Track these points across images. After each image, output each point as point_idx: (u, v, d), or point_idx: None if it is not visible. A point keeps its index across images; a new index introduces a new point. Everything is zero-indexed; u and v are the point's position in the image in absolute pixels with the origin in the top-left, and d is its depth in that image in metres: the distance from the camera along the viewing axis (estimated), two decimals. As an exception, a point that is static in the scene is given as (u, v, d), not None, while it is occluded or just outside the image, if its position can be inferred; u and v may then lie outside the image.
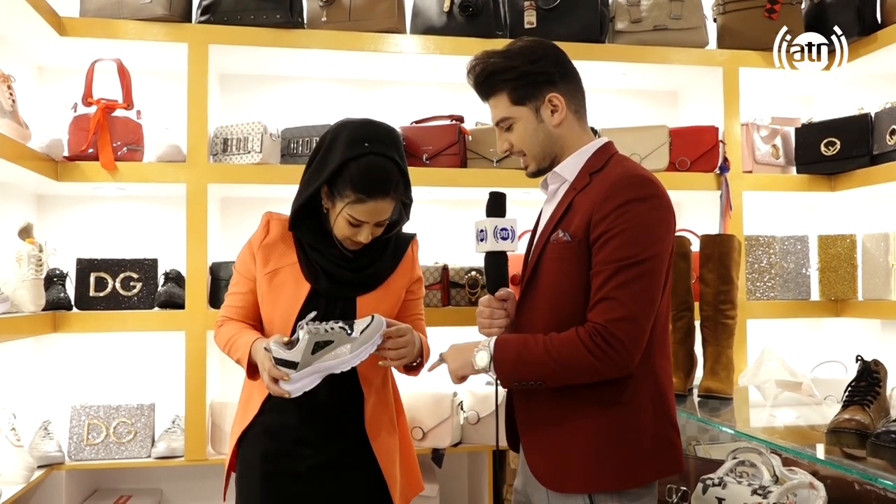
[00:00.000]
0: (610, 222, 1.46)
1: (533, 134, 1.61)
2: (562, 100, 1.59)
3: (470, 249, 2.94)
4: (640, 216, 1.47)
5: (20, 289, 2.29)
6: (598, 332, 1.43)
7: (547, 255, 1.56)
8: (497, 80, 1.60)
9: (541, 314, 1.56)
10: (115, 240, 2.84)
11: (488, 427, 2.70)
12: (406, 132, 2.80)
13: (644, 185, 1.50)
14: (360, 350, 1.62)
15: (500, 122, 1.63)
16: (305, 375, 1.60)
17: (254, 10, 2.64)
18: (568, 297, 1.52)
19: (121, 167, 2.54)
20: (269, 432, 1.78)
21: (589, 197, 1.53)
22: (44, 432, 2.51)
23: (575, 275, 1.51)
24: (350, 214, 1.68)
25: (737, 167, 2.95)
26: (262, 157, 2.61)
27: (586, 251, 1.50)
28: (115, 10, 2.58)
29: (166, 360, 2.79)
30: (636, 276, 1.44)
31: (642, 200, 1.48)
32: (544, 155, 1.62)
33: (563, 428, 1.52)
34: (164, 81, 2.88)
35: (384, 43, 2.74)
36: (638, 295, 1.44)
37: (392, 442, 1.84)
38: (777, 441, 1.92)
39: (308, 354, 1.59)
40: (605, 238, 1.47)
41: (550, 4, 2.86)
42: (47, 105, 2.78)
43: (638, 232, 1.46)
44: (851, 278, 2.97)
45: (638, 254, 1.45)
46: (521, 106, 1.59)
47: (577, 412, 1.51)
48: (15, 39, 2.55)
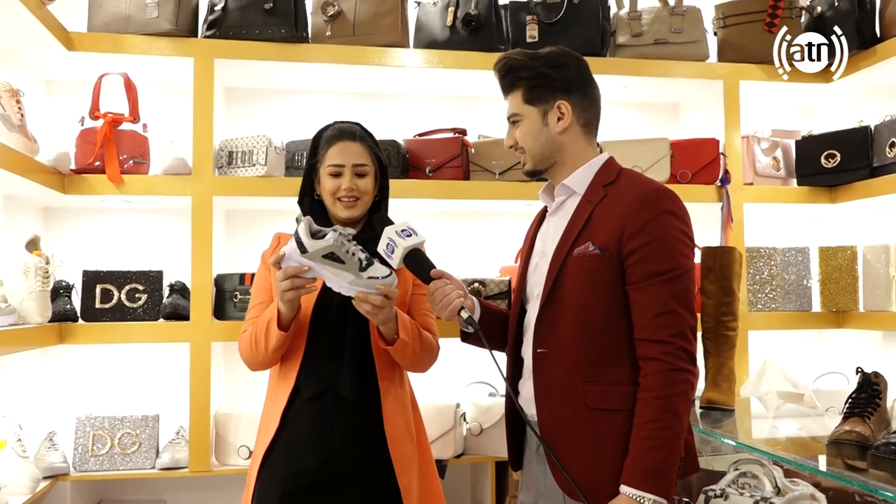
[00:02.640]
0: (647, 235, 1.50)
1: (535, 135, 1.64)
2: (570, 109, 1.63)
3: (473, 261, 3.05)
4: (674, 228, 1.52)
5: (27, 300, 2.31)
6: (674, 353, 1.47)
7: (570, 268, 1.56)
8: (515, 77, 1.65)
9: (566, 328, 1.55)
10: (121, 252, 2.86)
11: (491, 438, 2.71)
12: (409, 145, 2.82)
13: (672, 197, 1.56)
14: (357, 288, 1.62)
15: (511, 118, 1.68)
16: (302, 263, 1.62)
17: (259, 24, 2.66)
18: (597, 310, 1.54)
19: (127, 180, 2.56)
20: (290, 451, 1.76)
21: (613, 209, 1.55)
22: (49, 443, 2.51)
23: (605, 287, 1.53)
24: (329, 165, 1.83)
25: (738, 179, 2.96)
26: (266, 170, 2.63)
27: (617, 263, 1.52)
28: (123, 26, 2.61)
29: (171, 372, 2.80)
30: (684, 288, 1.51)
31: (672, 213, 1.53)
32: (542, 157, 1.66)
33: (591, 438, 1.52)
34: (170, 95, 2.91)
35: (388, 57, 2.77)
36: (689, 305, 1.51)
37: (409, 448, 1.82)
38: (779, 453, 1.92)
39: (318, 256, 1.61)
40: (645, 251, 1.50)
41: (552, 18, 2.89)
42: (55, 118, 2.81)
43: (675, 244, 1.52)
44: (852, 290, 2.97)
45: (682, 264, 1.51)
46: (531, 106, 1.64)
47: (603, 421, 1.52)
48: (24, 54, 2.58)
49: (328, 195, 1.85)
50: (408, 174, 2.78)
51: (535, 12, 2.91)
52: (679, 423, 1.47)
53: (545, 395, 1.58)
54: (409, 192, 2.72)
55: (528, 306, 1.69)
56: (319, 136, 1.91)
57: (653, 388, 1.47)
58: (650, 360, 1.48)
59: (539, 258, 1.68)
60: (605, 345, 1.53)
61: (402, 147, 2.77)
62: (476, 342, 1.76)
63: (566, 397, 1.54)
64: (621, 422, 1.50)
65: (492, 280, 2.75)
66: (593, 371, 1.53)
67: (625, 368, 1.52)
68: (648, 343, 1.49)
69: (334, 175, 1.83)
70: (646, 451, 1.45)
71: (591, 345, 1.53)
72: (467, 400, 2.79)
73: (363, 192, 1.85)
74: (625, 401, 1.51)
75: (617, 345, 1.53)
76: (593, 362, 1.53)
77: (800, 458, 1.82)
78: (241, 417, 2.60)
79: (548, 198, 1.73)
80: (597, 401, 1.52)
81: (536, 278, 1.65)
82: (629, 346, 1.52)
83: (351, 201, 1.83)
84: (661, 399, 1.46)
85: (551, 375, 1.57)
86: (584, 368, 1.54)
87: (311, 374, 1.78)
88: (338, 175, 1.83)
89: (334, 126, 1.92)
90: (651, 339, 1.48)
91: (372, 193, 1.89)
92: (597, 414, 1.52)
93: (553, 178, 1.70)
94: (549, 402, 1.57)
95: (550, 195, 1.72)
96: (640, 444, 1.46)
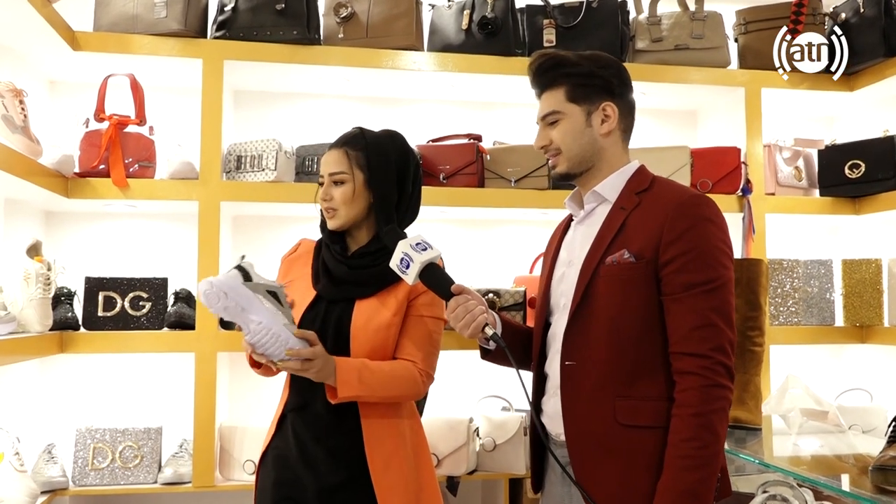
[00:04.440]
0: (686, 243, 1.44)
1: (577, 135, 1.57)
2: (616, 112, 1.57)
3: (487, 271, 2.97)
4: (713, 237, 1.46)
5: (27, 308, 2.25)
6: (712, 368, 1.40)
7: (602, 277, 1.49)
8: (560, 73, 1.57)
9: (597, 340, 1.49)
10: (125, 258, 2.79)
11: (505, 454, 2.63)
12: (423, 151, 2.76)
13: (710, 205, 1.50)
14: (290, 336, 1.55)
15: (547, 116, 1.59)
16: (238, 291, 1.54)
17: (270, 26, 2.60)
18: (631, 321, 1.47)
19: (132, 184, 2.50)
20: (281, 457, 1.74)
21: (650, 216, 1.49)
22: (48, 456, 2.44)
23: (639, 297, 1.47)
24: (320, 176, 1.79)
25: (759, 189, 2.89)
26: (276, 175, 2.57)
27: (653, 272, 1.46)
28: (130, 25, 2.56)
29: (175, 383, 2.73)
30: (724, 300, 1.44)
31: (711, 221, 1.48)
32: (581, 159, 1.58)
33: (621, 457, 1.45)
34: (177, 97, 2.84)
35: (401, 60, 2.70)
36: (729, 319, 1.44)
37: (397, 477, 1.68)
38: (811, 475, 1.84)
39: (263, 290, 1.56)
40: (684, 260, 1.44)
41: (570, 23, 2.83)
42: (59, 120, 2.75)
43: (715, 253, 1.46)
44: (877, 304, 2.90)
45: (722, 275, 1.45)
46: (575, 104, 1.57)
47: (634, 439, 1.45)
48: (28, 54, 2.52)
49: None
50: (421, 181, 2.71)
51: (553, 16, 2.85)
52: (717, 441, 1.40)
53: (573, 411, 1.51)
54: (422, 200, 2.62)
55: (552, 318, 1.61)
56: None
57: (690, 404, 1.40)
58: (687, 374, 1.42)
59: (566, 268, 1.60)
60: (638, 358, 1.47)
61: (416, 153, 2.69)
62: (498, 360, 1.67)
63: (595, 413, 1.47)
64: (654, 440, 1.43)
65: (507, 290, 2.67)
66: (625, 385, 1.46)
67: (658, 383, 1.46)
68: (686, 357, 1.42)
69: (321, 185, 1.78)
70: (682, 472, 1.38)
71: (623, 357, 1.47)
72: (480, 414, 2.71)
73: (338, 201, 1.73)
74: (658, 417, 1.44)
75: (650, 358, 1.46)
76: (625, 376, 1.46)
77: (832, 481, 1.75)
78: (247, 431, 2.52)
79: (575, 206, 1.66)
80: (628, 417, 1.45)
81: (563, 288, 1.58)
82: (663, 360, 1.46)
83: (329, 212, 1.76)
84: (700, 416, 1.39)
85: (580, 389, 1.50)
86: (614, 382, 1.47)
87: (294, 387, 1.75)
88: (323, 185, 1.78)
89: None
90: (689, 352, 1.42)
91: (354, 203, 1.74)
92: (628, 431, 1.45)
93: (582, 185, 1.63)
94: (577, 417, 1.50)
95: (578, 203, 1.65)
96: (676, 463, 1.39)
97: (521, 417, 2.65)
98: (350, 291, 1.73)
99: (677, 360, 1.44)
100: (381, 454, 1.69)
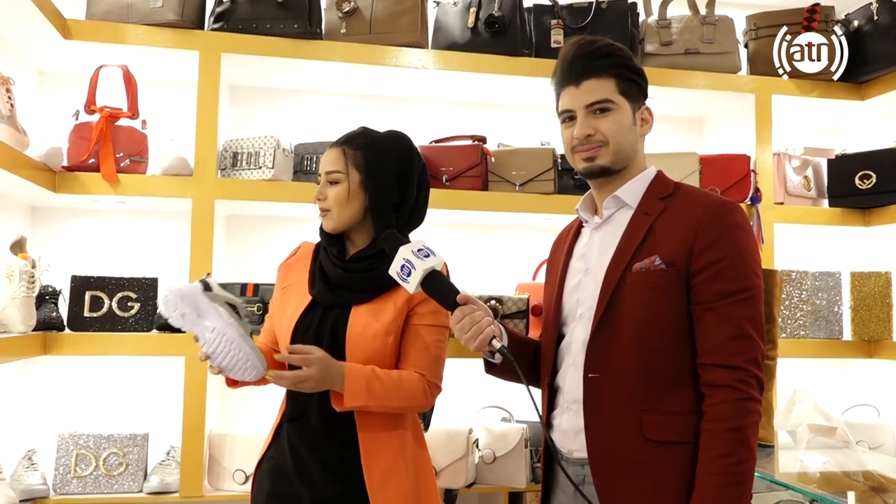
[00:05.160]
0: (720, 250, 1.40)
1: (627, 130, 1.51)
2: (652, 117, 1.56)
3: (490, 277, 2.89)
4: (746, 244, 1.43)
5: (10, 307, 2.17)
6: (747, 381, 1.36)
7: (629, 285, 1.43)
8: (613, 62, 1.49)
9: (624, 351, 1.42)
10: (114, 257, 2.71)
11: (505, 467, 2.56)
12: (425, 151, 2.67)
13: (741, 212, 1.46)
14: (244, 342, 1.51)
15: (596, 104, 1.48)
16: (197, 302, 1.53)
17: (270, 18, 2.53)
18: (660, 331, 1.41)
19: (123, 179, 2.41)
20: (276, 468, 1.69)
21: (680, 221, 1.45)
22: (27, 462, 2.35)
23: (669, 306, 1.41)
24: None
25: (768, 198, 2.84)
26: (273, 174, 2.49)
27: (684, 280, 1.41)
28: (124, 14, 2.48)
29: (163, 388, 2.64)
30: (757, 310, 1.40)
31: (743, 228, 1.44)
32: (625, 155, 1.51)
33: (649, 474, 1.39)
34: (172, 90, 2.77)
35: (405, 57, 2.63)
36: (762, 329, 1.40)
37: (395, 492, 1.61)
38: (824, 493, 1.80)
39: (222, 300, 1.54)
40: (718, 267, 1.39)
41: (579, 23, 2.78)
42: (47, 111, 2.66)
43: (748, 261, 1.42)
44: (886, 318, 2.86)
45: (754, 284, 1.41)
46: (626, 99, 1.51)
47: (662, 455, 1.39)
48: (16, 41, 2.44)
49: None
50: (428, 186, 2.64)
51: (561, 16, 2.80)
52: (752, 457, 1.35)
53: (597, 426, 1.44)
54: (424, 202, 2.57)
55: (566, 329, 1.54)
56: None
57: (724, 418, 1.34)
58: (721, 387, 1.36)
59: (582, 276, 1.53)
60: (667, 369, 1.41)
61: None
62: (504, 375, 1.58)
63: (621, 427, 1.41)
64: (683, 456, 1.38)
65: (509, 298, 2.59)
66: (652, 398, 1.40)
67: (687, 396, 1.40)
68: (719, 369, 1.37)
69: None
70: (718, 489, 1.32)
71: (652, 369, 1.41)
72: (480, 425, 2.63)
73: (332, 201, 1.68)
74: (686, 433, 1.38)
75: (679, 370, 1.41)
76: (652, 389, 1.41)
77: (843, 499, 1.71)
78: (237, 439, 2.44)
79: (588, 212, 1.59)
80: (656, 432, 1.39)
81: (580, 297, 1.51)
82: (692, 372, 1.41)
83: (323, 213, 1.71)
84: (735, 431, 1.33)
85: (604, 403, 1.43)
86: (641, 395, 1.41)
87: (291, 396, 1.70)
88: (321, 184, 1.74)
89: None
90: (723, 364, 1.36)
91: (348, 204, 1.68)
92: (656, 447, 1.39)
93: (600, 189, 1.56)
94: (601, 432, 1.43)
95: (592, 209, 1.59)
96: (712, 480, 1.33)
97: (522, 429, 2.58)
98: (346, 297, 1.66)
99: (709, 371, 1.38)
100: (380, 467, 1.61)
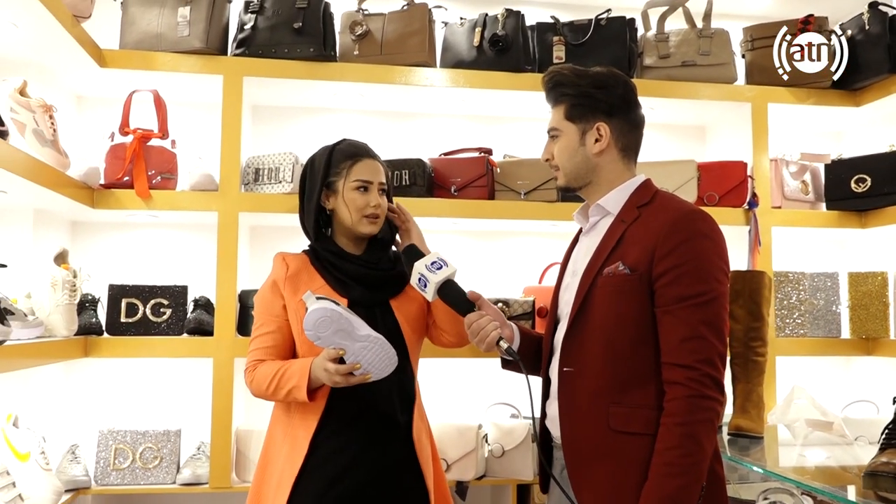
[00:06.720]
0: (678, 257, 1.47)
1: (570, 153, 1.64)
2: (608, 132, 1.61)
3: (497, 281, 3.02)
4: (707, 251, 1.49)
5: (54, 314, 2.31)
6: (699, 380, 1.43)
7: (599, 288, 1.54)
8: (560, 92, 1.65)
9: (593, 348, 1.53)
10: (147, 266, 2.87)
11: (513, 461, 2.67)
12: (434, 164, 2.82)
13: (706, 220, 1.53)
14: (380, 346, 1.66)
15: (550, 131, 1.68)
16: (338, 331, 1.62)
17: (288, 44, 2.68)
18: (625, 331, 1.51)
19: (155, 195, 2.57)
20: (324, 476, 1.75)
21: (646, 229, 1.53)
22: (71, 456, 2.52)
23: (633, 308, 1.50)
24: (356, 179, 1.85)
25: (766, 203, 2.92)
26: (292, 187, 2.64)
27: (647, 285, 1.50)
28: (154, 43, 2.64)
29: (193, 387, 2.80)
30: (715, 313, 1.47)
31: (706, 236, 1.50)
32: (576, 175, 1.65)
33: (613, 461, 1.49)
34: (198, 112, 2.93)
35: (414, 76, 2.77)
36: (719, 332, 1.47)
37: (430, 449, 1.89)
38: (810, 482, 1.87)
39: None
40: (676, 273, 1.47)
41: (579, 40, 2.89)
42: (86, 134, 2.83)
43: (708, 267, 1.48)
44: (883, 316, 2.91)
45: (713, 289, 1.47)
46: (571, 123, 1.63)
47: (626, 445, 1.49)
48: (57, 70, 2.61)
49: (355, 211, 1.85)
50: (433, 193, 2.78)
51: (562, 33, 2.91)
52: (701, 451, 1.43)
53: (569, 415, 1.56)
54: (434, 211, 2.71)
55: (558, 326, 1.67)
56: (333, 150, 1.91)
57: (676, 413, 1.44)
58: (675, 385, 1.45)
59: (570, 277, 1.67)
60: (631, 367, 1.51)
61: (428, 166, 2.77)
62: (516, 370, 1.73)
63: (590, 418, 1.52)
64: (644, 446, 1.46)
65: (516, 300, 2.72)
66: (618, 393, 1.51)
67: (650, 392, 1.49)
68: (674, 367, 1.46)
69: (361, 190, 1.85)
70: (665, 479, 1.42)
71: (617, 366, 1.51)
72: (489, 421, 2.76)
73: (384, 210, 1.90)
74: (648, 425, 1.48)
75: (643, 367, 1.50)
76: (618, 384, 1.51)
77: (830, 488, 1.77)
78: (262, 434, 2.53)
79: (582, 218, 1.72)
80: (620, 423, 1.50)
81: (566, 297, 1.64)
82: (656, 370, 1.49)
83: (375, 219, 1.87)
84: (684, 426, 1.42)
85: (576, 395, 1.55)
86: (609, 390, 1.51)
87: (346, 394, 1.75)
88: (365, 190, 1.86)
89: (349, 143, 1.93)
90: (677, 363, 1.45)
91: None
92: (620, 437, 1.49)
93: (588, 198, 1.69)
94: (572, 421, 1.55)
95: (585, 215, 1.71)
96: (660, 470, 1.43)
97: (528, 425, 2.69)
98: (385, 293, 1.88)
99: (667, 370, 1.47)
100: (424, 448, 1.86)
